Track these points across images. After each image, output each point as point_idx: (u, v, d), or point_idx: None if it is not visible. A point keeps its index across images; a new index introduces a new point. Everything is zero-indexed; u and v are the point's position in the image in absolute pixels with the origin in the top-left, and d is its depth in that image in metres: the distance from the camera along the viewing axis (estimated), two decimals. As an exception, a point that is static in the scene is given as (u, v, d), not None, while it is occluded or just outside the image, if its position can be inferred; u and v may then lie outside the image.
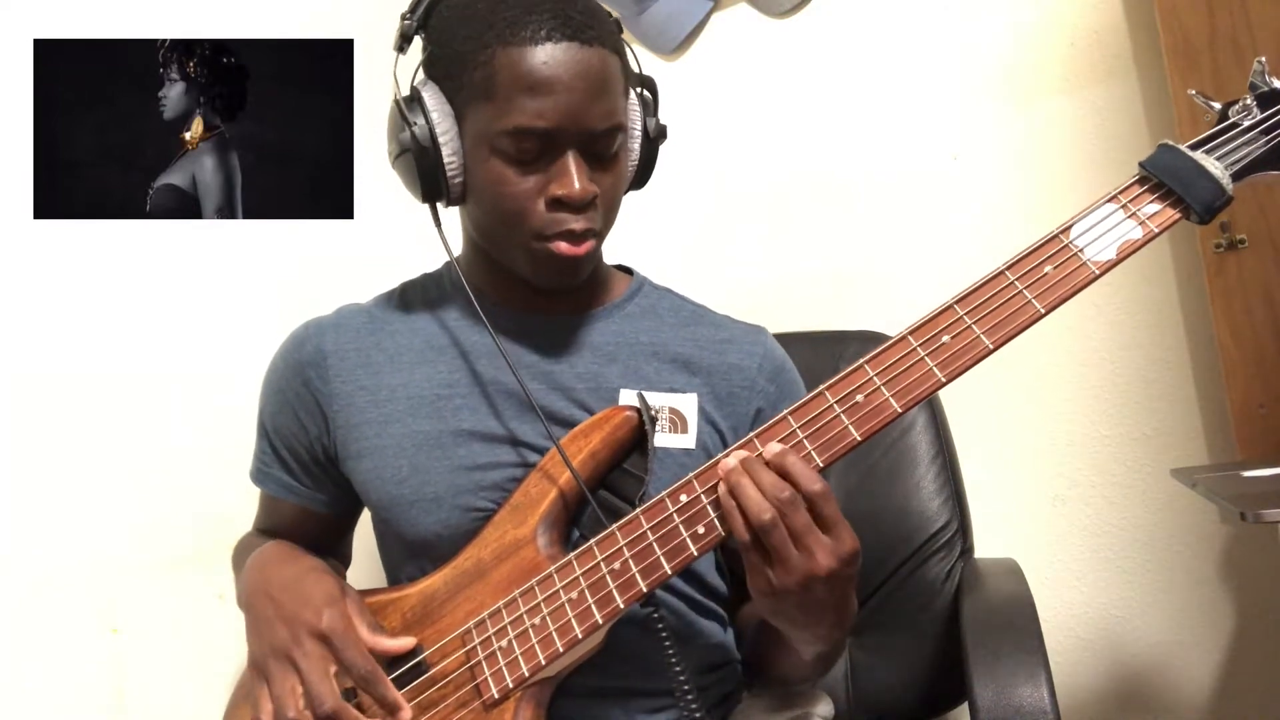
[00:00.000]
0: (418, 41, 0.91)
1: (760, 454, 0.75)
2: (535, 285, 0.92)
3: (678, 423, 0.93)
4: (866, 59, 1.56)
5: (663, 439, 0.91)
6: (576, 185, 0.83)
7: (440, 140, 0.85)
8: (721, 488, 0.75)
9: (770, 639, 0.92)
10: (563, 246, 0.86)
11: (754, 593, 0.77)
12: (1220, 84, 1.24)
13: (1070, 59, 1.44)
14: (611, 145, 0.87)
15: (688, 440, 0.93)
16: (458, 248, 0.98)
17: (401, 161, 0.88)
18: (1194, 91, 0.82)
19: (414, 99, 0.86)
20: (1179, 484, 1.31)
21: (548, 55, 0.81)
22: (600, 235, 0.90)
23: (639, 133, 0.92)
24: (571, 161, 0.84)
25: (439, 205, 0.90)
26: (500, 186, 0.85)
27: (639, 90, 0.93)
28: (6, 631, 1.20)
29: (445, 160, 0.86)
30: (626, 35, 0.95)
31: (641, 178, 0.96)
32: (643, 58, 1.69)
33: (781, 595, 0.74)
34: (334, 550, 1.06)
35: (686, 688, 0.81)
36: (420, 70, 0.89)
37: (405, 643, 0.84)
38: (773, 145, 1.63)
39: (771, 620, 0.81)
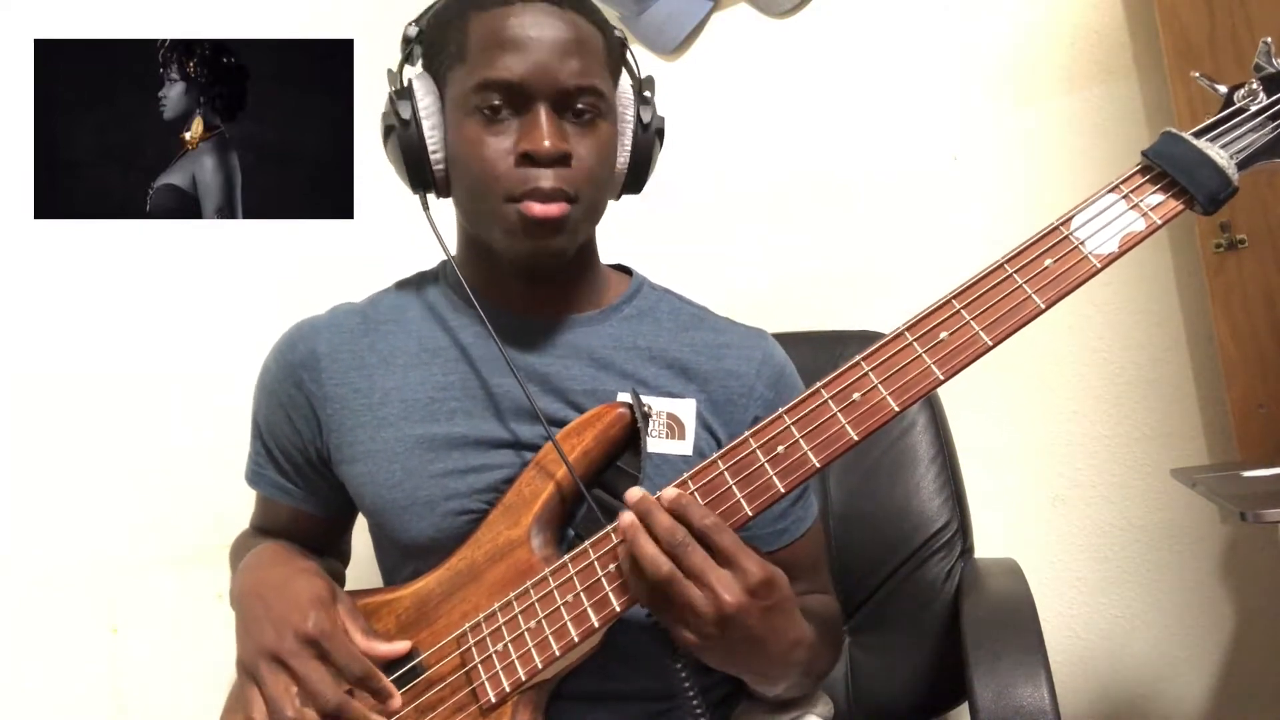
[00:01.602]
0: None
1: (659, 497, 0.75)
2: (513, 260, 0.90)
3: (675, 428, 0.92)
4: (866, 59, 1.56)
5: (660, 445, 0.91)
6: (545, 141, 0.83)
7: (421, 114, 0.86)
8: (621, 550, 0.76)
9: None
10: (533, 207, 0.84)
11: (686, 648, 0.76)
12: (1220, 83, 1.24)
13: (1070, 59, 1.44)
14: (588, 106, 0.86)
15: (685, 447, 0.92)
16: (453, 247, 0.97)
17: (390, 145, 0.89)
18: (1198, 74, 0.80)
19: (405, 86, 0.88)
20: (1179, 484, 1.30)
21: (516, 14, 0.83)
22: (576, 201, 0.86)
23: (631, 118, 0.92)
24: (542, 115, 0.83)
25: (430, 197, 0.90)
26: (473, 148, 0.85)
27: (637, 89, 0.93)
28: (6, 631, 1.20)
29: (426, 135, 0.87)
30: (626, 36, 0.95)
31: (638, 179, 0.95)
32: (642, 58, 1.69)
33: (704, 643, 0.74)
34: (332, 548, 1.05)
35: (687, 685, 0.80)
36: (418, 64, 0.91)
37: (400, 646, 0.84)
38: (773, 145, 1.63)
39: (716, 668, 0.80)
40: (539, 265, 0.91)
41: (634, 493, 0.76)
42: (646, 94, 0.94)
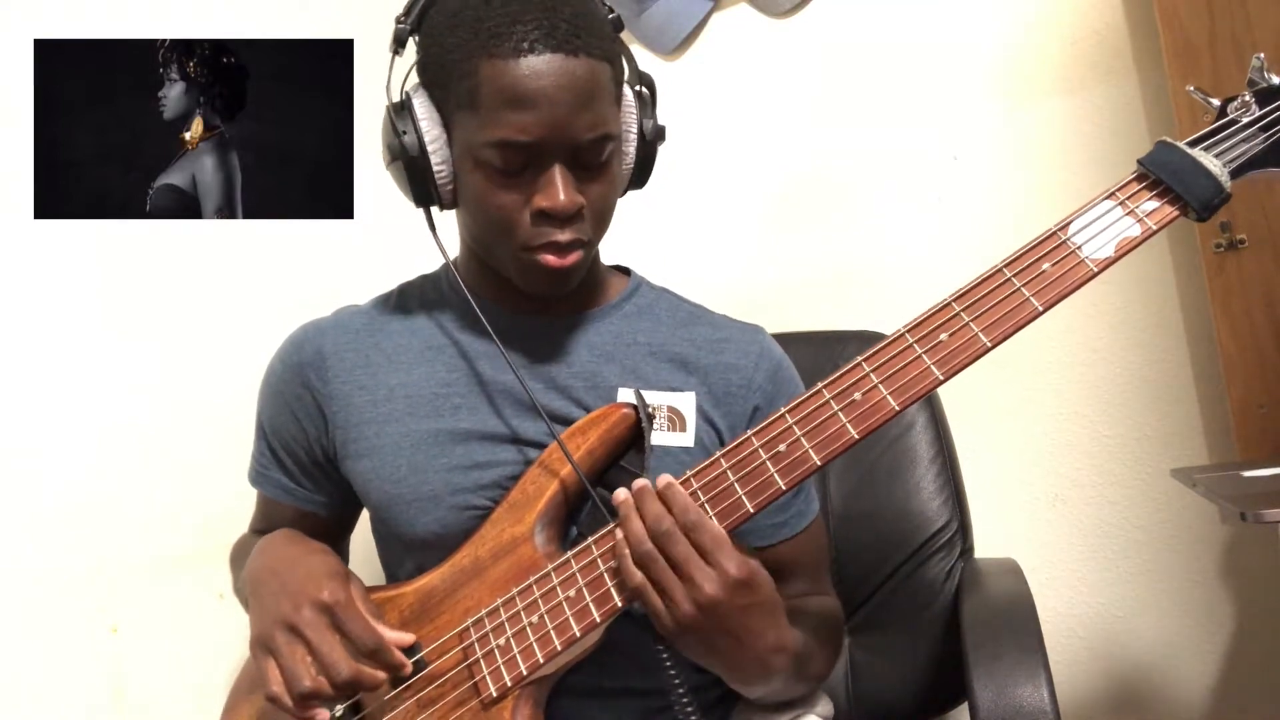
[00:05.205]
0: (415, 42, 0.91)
1: (654, 486, 0.77)
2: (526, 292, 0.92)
3: (676, 421, 0.93)
4: (866, 59, 1.56)
5: (662, 438, 0.91)
6: (561, 198, 0.82)
7: (429, 148, 0.85)
8: (618, 533, 0.77)
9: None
10: (549, 259, 0.85)
11: (664, 635, 0.77)
12: (1220, 84, 1.24)
13: (1070, 59, 1.44)
14: (600, 154, 0.85)
15: (686, 439, 0.93)
16: (455, 248, 0.98)
17: (394, 167, 0.88)
18: (1192, 88, 0.82)
19: (404, 106, 0.86)
20: (1179, 484, 1.30)
21: (530, 68, 0.80)
22: (589, 244, 0.89)
23: (634, 135, 0.91)
24: (557, 174, 0.83)
25: (433, 209, 0.90)
26: (486, 198, 0.84)
27: (636, 89, 0.92)
28: (6, 631, 1.20)
29: (435, 167, 0.86)
30: (626, 35, 0.95)
31: (640, 178, 0.95)
32: (642, 58, 1.69)
33: (680, 631, 0.75)
34: (332, 551, 1.06)
35: (674, 675, 0.81)
36: (413, 74, 0.89)
37: (405, 637, 0.84)
38: (773, 145, 1.63)
39: (695, 660, 0.80)
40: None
41: (621, 493, 0.78)
42: (646, 94, 0.93)
